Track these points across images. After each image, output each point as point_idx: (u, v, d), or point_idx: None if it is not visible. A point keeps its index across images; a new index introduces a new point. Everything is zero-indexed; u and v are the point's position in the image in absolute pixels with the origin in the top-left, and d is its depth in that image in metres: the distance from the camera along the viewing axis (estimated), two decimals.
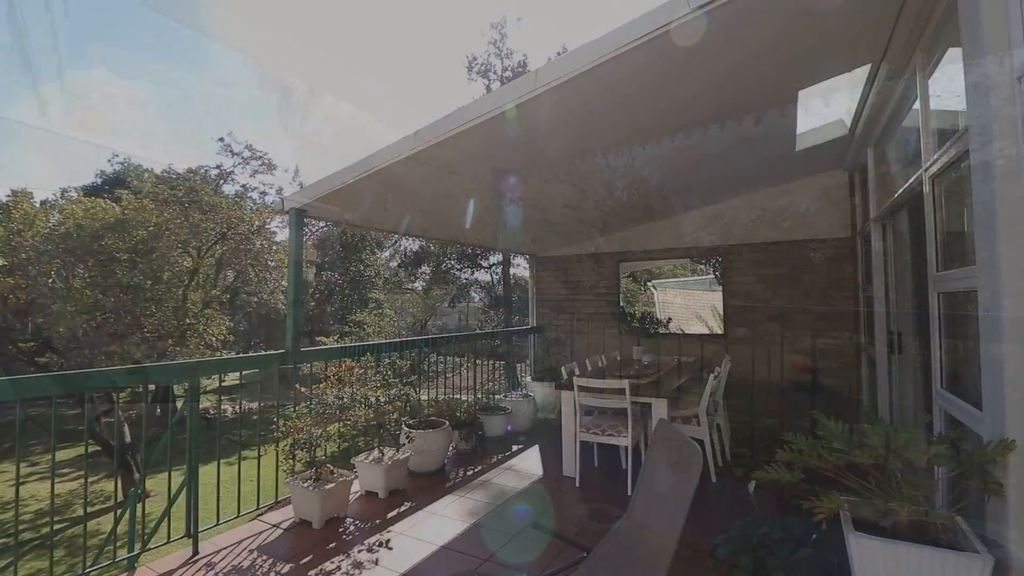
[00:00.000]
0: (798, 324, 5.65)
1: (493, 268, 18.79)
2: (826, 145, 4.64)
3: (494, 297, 19.66)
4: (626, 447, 4.00)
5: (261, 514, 3.58)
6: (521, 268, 17.67)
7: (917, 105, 2.79)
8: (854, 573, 1.67)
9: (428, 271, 19.37)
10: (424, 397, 5.86)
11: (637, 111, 3.26)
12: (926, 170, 2.62)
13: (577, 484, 4.05)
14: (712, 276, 7.20)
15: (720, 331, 6.12)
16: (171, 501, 3.10)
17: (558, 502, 3.75)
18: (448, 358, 10.38)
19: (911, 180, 2.97)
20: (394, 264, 22.22)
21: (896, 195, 3.40)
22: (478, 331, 12.29)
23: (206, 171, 13.08)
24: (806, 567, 1.97)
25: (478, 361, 6.73)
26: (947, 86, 2.48)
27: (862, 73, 3.46)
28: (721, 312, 6.15)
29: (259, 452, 3.53)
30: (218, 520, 3.44)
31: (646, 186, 5.01)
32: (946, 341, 2.50)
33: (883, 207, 3.92)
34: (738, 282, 6.00)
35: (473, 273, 19.54)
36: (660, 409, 3.88)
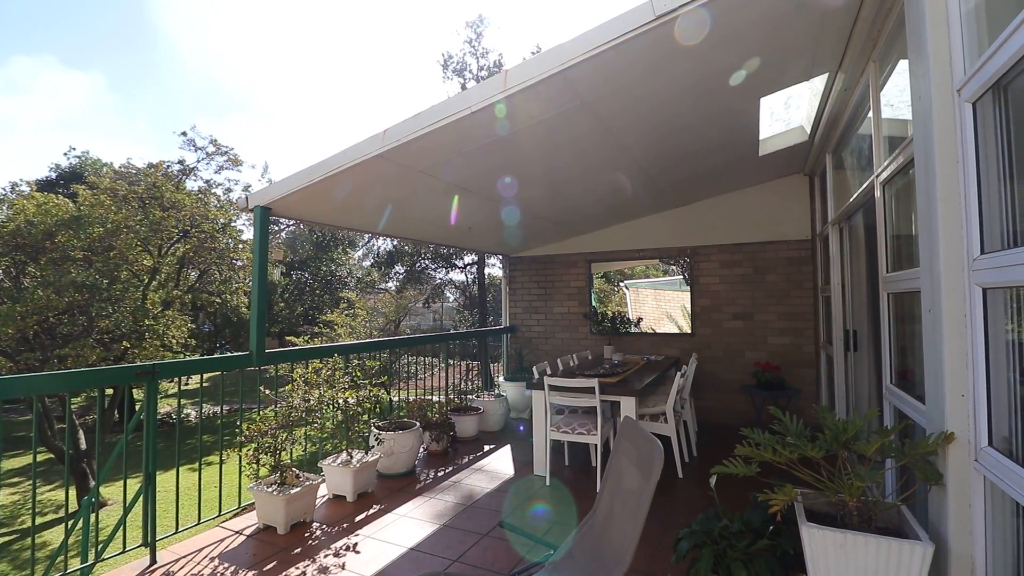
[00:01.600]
0: (762, 323, 5.83)
1: (468, 268, 18.75)
2: (787, 151, 4.80)
3: (469, 297, 19.62)
4: (596, 445, 4.06)
5: (224, 521, 3.48)
6: (496, 268, 17.69)
7: (871, 114, 2.91)
8: (807, 561, 1.73)
9: (402, 271, 19.19)
10: (397, 398, 5.80)
11: (606, 115, 3.31)
12: (877, 176, 2.74)
13: (547, 483, 4.08)
14: (682, 277, 7.36)
15: (689, 330, 6.26)
16: (127, 508, 2.98)
17: (528, 501, 3.76)
18: (422, 359, 10.32)
19: (864, 185, 3.10)
20: (367, 264, 21.94)
21: (851, 199, 3.55)
22: (451, 332, 12.24)
23: (167, 166, 12.60)
24: (764, 558, 2.03)
25: (452, 361, 6.70)
26: (898, 96, 2.60)
27: (820, 82, 3.59)
28: (690, 311, 6.29)
29: (221, 457, 3.43)
30: (177, 527, 3.34)
31: (617, 188, 5.08)
32: (895, 339, 2.62)
33: (840, 210, 4.09)
34: (705, 282, 6.15)
35: (448, 273, 19.46)
36: (628, 407, 3.95)
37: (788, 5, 2.39)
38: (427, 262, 18.75)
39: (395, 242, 17.79)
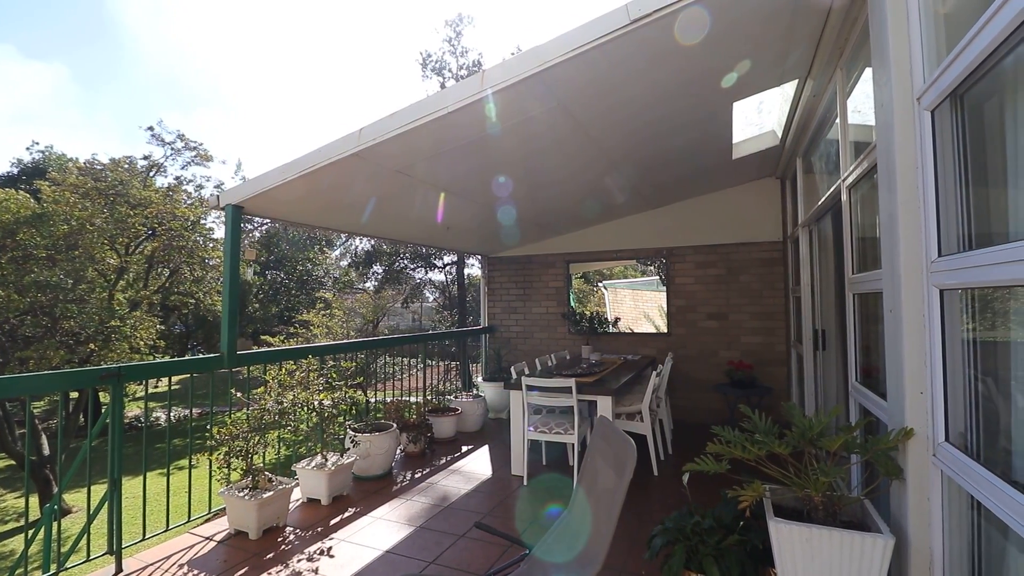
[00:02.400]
0: (735, 323, 5.95)
1: (447, 268, 18.67)
2: (760, 154, 4.91)
3: (449, 297, 19.54)
4: (573, 444, 4.08)
5: (194, 527, 3.40)
6: (476, 268, 17.65)
7: (838, 120, 3.00)
8: (775, 556, 1.78)
9: (380, 271, 19.00)
10: (374, 399, 5.74)
11: (582, 117, 3.33)
12: (844, 180, 2.83)
13: (525, 483, 4.09)
14: (658, 277, 7.46)
15: (665, 330, 6.35)
16: (91, 516, 2.89)
17: (506, 501, 3.77)
18: (400, 359, 10.24)
19: (832, 189, 3.20)
20: (345, 263, 21.65)
21: (820, 202, 3.65)
22: (429, 332, 12.17)
23: (132, 161, 12.21)
24: (734, 553, 2.07)
25: (431, 362, 6.65)
26: (864, 103, 2.68)
27: (790, 88, 3.69)
28: (666, 311, 6.38)
29: (190, 462, 3.35)
30: (144, 534, 3.24)
31: (594, 189, 5.12)
32: (860, 339, 2.70)
33: (809, 213, 4.20)
34: (681, 283, 6.24)
35: (427, 273, 19.34)
36: (605, 406, 3.98)
37: (757, 13, 2.45)
38: (406, 262, 18.61)
39: (373, 241, 17.61)
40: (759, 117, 4.72)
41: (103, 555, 2.94)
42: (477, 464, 4.66)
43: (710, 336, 6.06)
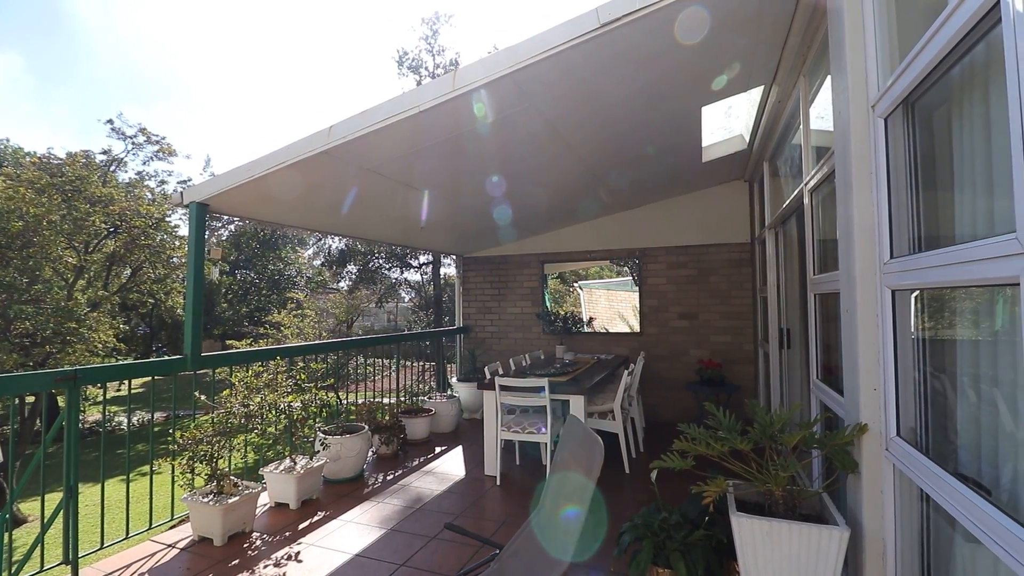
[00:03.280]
0: (705, 322, 6.08)
1: (423, 268, 18.53)
2: (729, 158, 5.02)
3: (424, 297, 19.39)
4: (546, 444, 4.10)
5: (155, 534, 3.29)
6: (452, 268, 17.55)
7: (801, 125, 3.09)
8: (737, 549, 1.82)
9: (355, 270, 18.73)
10: (346, 401, 5.65)
11: (554, 118, 3.36)
12: (806, 184, 2.92)
13: (498, 483, 4.09)
14: (632, 278, 7.56)
15: (638, 329, 6.43)
16: (46, 524, 2.77)
17: (478, 501, 3.76)
18: (375, 360, 10.11)
19: (795, 192, 3.29)
20: (318, 263, 21.27)
21: (785, 205, 3.76)
22: (404, 332, 12.06)
23: (90, 156, 11.73)
24: (700, 548, 2.12)
25: (406, 363, 6.57)
26: (827, 109, 2.77)
27: (757, 94, 3.78)
28: (639, 311, 6.47)
29: (152, 467, 3.24)
30: (103, 543, 3.13)
31: (568, 190, 5.16)
32: (821, 337, 2.79)
33: (775, 215, 4.31)
34: (653, 283, 6.34)
35: (403, 273, 19.15)
36: (577, 405, 4.02)
37: (722, 19, 2.50)
38: (381, 261, 18.40)
39: (347, 240, 17.35)
40: (727, 121, 4.83)
41: (59, 565, 2.82)
42: (450, 465, 4.64)
43: (681, 335, 6.17)
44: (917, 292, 1.71)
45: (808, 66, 2.90)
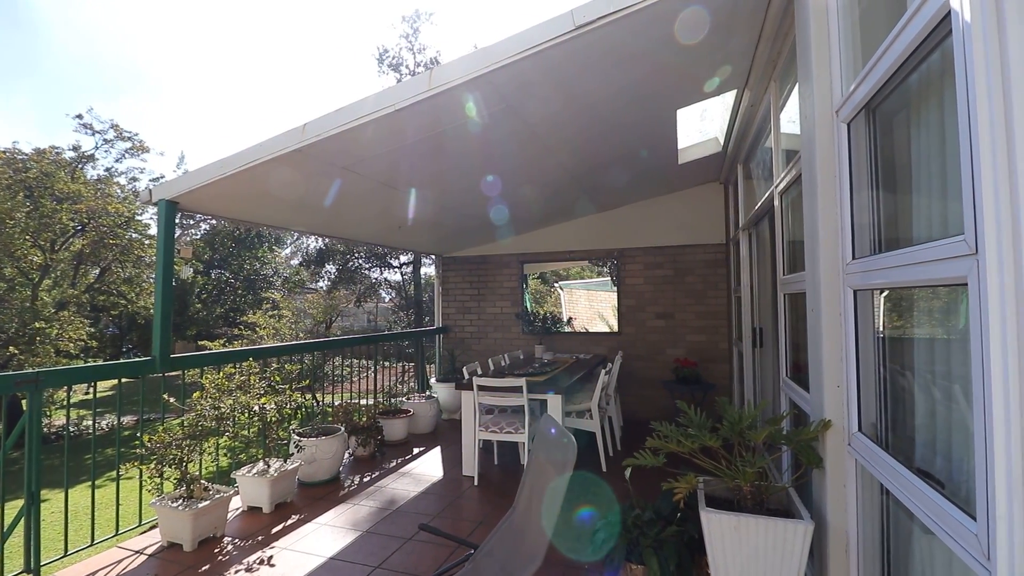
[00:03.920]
0: (681, 321, 6.17)
1: (404, 267, 18.37)
2: (704, 160, 5.10)
3: (405, 297, 19.23)
4: (524, 443, 4.11)
5: (122, 540, 3.20)
6: (433, 268, 17.42)
7: (772, 129, 3.16)
8: (706, 544, 1.86)
9: (334, 270, 18.48)
10: (321, 402, 5.58)
11: (532, 119, 3.37)
12: (776, 187, 2.98)
13: (476, 483, 4.09)
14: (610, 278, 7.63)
15: (616, 329, 6.50)
16: (6, 532, 2.67)
17: (456, 502, 3.75)
18: (354, 361, 9.99)
19: (767, 195, 3.36)
20: (296, 262, 20.92)
21: (757, 207, 3.84)
22: (380, 333, 11.95)
23: (59, 152, 11.34)
24: (672, 544, 2.16)
25: (387, 363, 6.50)
26: (795, 113, 2.84)
27: (730, 98, 3.86)
28: (617, 311, 6.53)
29: (118, 472, 3.15)
30: (67, 550, 3.03)
31: (546, 190, 5.18)
32: (790, 336, 2.86)
33: (748, 217, 4.40)
34: (631, 283, 6.41)
35: (382, 272, 18.95)
36: (555, 405, 4.04)
37: (694, 24, 2.54)
38: (361, 261, 18.18)
39: (326, 240, 17.12)
40: (703, 124, 4.91)
41: (19, 574, 2.73)
42: (428, 466, 4.62)
43: (658, 335, 6.25)
44: (877, 292, 1.77)
45: (778, 71, 2.96)
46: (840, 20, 1.94)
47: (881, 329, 1.78)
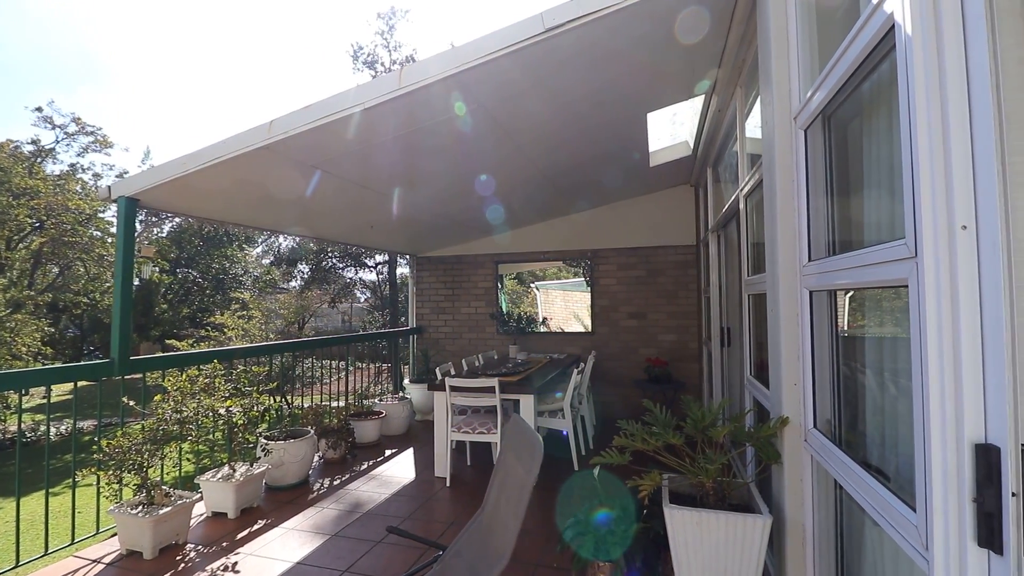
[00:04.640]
0: (653, 321, 6.27)
1: (380, 267, 18.15)
2: (675, 163, 5.20)
3: (380, 297, 19.01)
4: (496, 444, 4.12)
5: (78, 549, 3.08)
6: (408, 268, 17.24)
7: (738, 133, 3.24)
8: (669, 539, 1.89)
9: (306, 270, 18.13)
10: (290, 405, 5.48)
11: (504, 120, 3.37)
12: (741, 190, 3.06)
13: (448, 484, 4.07)
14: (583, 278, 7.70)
15: (590, 329, 6.56)
16: None
17: (428, 504, 3.73)
18: (326, 362, 9.83)
19: (733, 198, 3.45)
20: (267, 261, 20.47)
21: (725, 209, 3.93)
22: (350, 334, 11.79)
23: (18, 147, 10.86)
24: (638, 540, 2.19)
25: (361, 364, 6.41)
26: (760, 119, 2.93)
27: (699, 102, 3.94)
28: (591, 311, 6.60)
29: (74, 479, 3.03)
30: (18, 560, 2.90)
31: (520, 191, 5.20)
32: (754, 335, 2.94)
33: (717, 219, 4.50)
34: (604, 283, 6.48)
35: (357, 272, 18.69)
36: (527, 405, 4.05)
37: (663, 30, 2.59)
38: (334, 260, 17.90)
39: (298, 239, 16.79)
40: (674, 128, 5.00)
41: None
42: (400, 468, 4.58)
43: (631, 335, 6.33)
44: (841, 292, 1.83)
45: (744, 78, 3.04)
46: (799, 28, 2.00)
47: (835, 328, 1.84)
